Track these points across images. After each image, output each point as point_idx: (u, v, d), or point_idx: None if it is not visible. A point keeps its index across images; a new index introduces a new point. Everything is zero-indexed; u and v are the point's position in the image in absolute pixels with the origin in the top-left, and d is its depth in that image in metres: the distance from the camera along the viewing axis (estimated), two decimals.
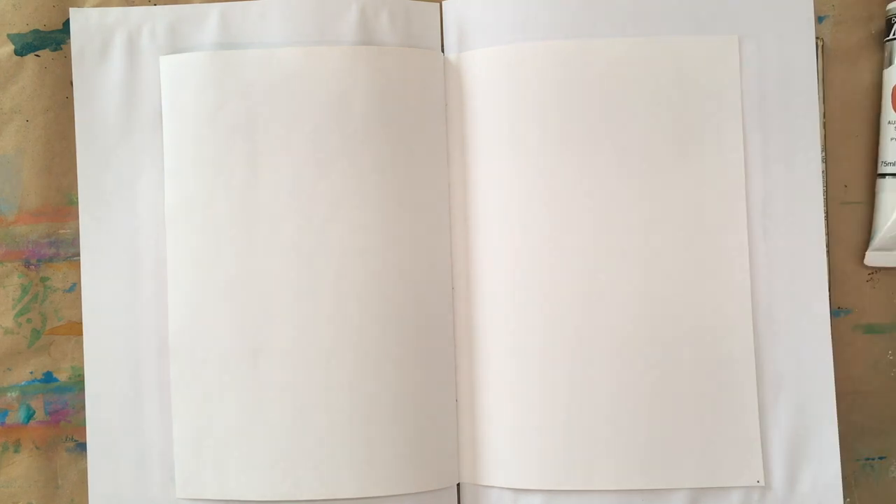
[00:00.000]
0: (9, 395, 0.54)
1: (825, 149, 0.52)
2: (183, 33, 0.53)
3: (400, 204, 0.51)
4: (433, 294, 0.52)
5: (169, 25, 0.53)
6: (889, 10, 0.52)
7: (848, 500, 0.52)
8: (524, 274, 0.51)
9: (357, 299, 0.51)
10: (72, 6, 0.53)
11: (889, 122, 0.52)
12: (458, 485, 0.53)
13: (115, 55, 0.53)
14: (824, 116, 0.52)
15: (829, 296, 0.51)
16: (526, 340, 0.51)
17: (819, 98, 0.52)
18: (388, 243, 0.51)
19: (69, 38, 0.53)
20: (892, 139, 0.52)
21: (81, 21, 0.53)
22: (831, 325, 0.51)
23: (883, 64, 0.53)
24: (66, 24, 0.53)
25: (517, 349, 0.51)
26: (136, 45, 0.53)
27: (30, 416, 0.54)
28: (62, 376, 0.54)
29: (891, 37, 0.52)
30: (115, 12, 0.53)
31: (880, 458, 0.53)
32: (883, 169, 0.52)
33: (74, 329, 0.53)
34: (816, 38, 0.52)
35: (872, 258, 0.53)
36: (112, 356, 0.52)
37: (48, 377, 0.54)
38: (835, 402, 0.51)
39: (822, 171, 0.52)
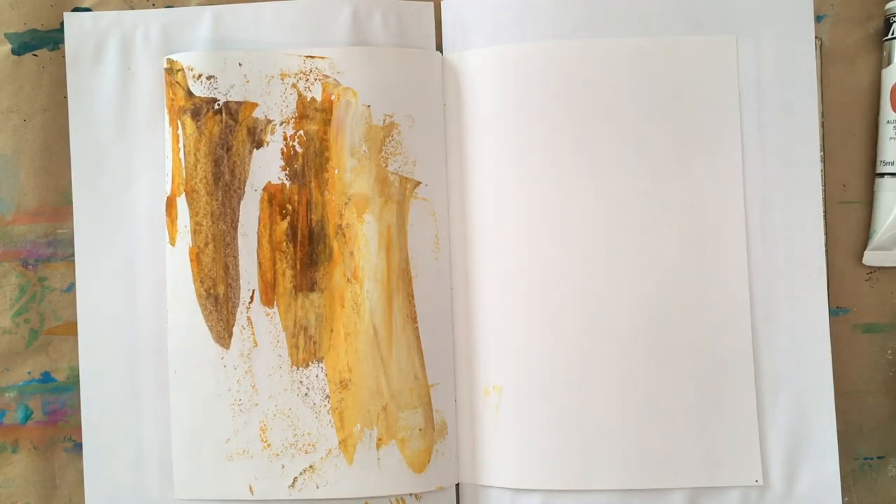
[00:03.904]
0: (7, 395, 0.54)
1: (824, 148, 0.52)
2: (176, 36, 0.53)
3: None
4: (434, 294, 0.52)
5: (162, 28, 0.53)
6: (888, 9, 0.52)
7: (846, 499, 0.52)
8: (523, 274, 0.51)
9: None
10: (70, 6, 0.53)
11: (888, 122, 0.52)
12: (458, 485, 0.53)
13: (109, 58, 0.53)
14: (823, 116, 0.52)
15: (828, 295, 0.51)
16: (525, 341, 0.51)
17: (818, 97, 0.52)
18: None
19: None
20: (890, 138, 0.52)
21: (76, 25, 0.53)
22: (830, 325, 0.51)
23: (881, 63, 0.53)
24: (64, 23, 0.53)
25: (516, 349, 0.51)
26: (131, 48, 0.53)
27: (28, 416, 0.54)
28: (60, 376, 0.54)
29: (889, 36, 0.52)
30: (109, 16, 0.53)
31: (879, 457, 0.53)
32: (881, 168, 0.52)
33: (72, 329, 0.53)
34: (815, 37, 0.52)
35: (871, 257, 0.53)
36: (108, 356, 0.52)
37: (46, 377, 0.54)
38: (833, 401, 0.51)
39: (821, 171, 0.52)
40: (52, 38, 0.54)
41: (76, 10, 0.53)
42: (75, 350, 0.53)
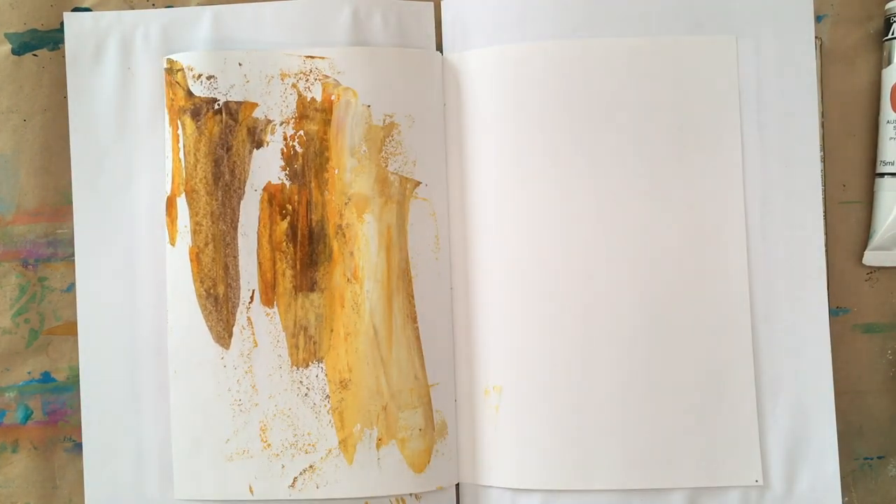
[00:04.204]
0: (7, 395, 0.54)
1: (824, 148, 0.52)
2: (176, 35, 0.53)
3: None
4: (434, 294, 0.52)
5: (162, 28, 0.53)
6: (888, 9, 0.52)
7: (846, 499, 0.52)
8: (523, 274, 0.51)
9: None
10: (70, 6, 0.53)
11: (888, 122, 0.52)
12: (458, 485, 0.53)
13: (109, 58, 0.53)
14: (823, 116, 0.52)
15: (828, 295, 0.51)
16: (525, 341, 0.51)
17: (818, 97, 0.52)
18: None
19: None
20: (890, 138, 0.52)
21: (76, 25, 0.53)
22: (830, 325, 0.51)
23: (881, 63, 0.53)
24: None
25: (516, 349, 0.51)
26: (130, 48, 0.53)
27: (28, 416, 0.54)
28: (60, 376, 0.54)
29: (889, 36, 0.52)
30: (108, 16, 0.53)
31: (878, 457, 0.53)
32: (881, 168, 0.52)
33: (72, 329, 0.53)
34: (815, 37, 0.52)
35: (871, 257, 0.53)
36: (108, 356, 0.52)
37: (46, 377, 0.54)
38: (833, 401, 0.51)
39: (821, 171, 0.52)
40: (52, 38, 0.54)
41: (76, 10, 0.53)
42: (75, 350, 0.53)
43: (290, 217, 0.51)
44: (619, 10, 0.52)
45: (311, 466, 0.51)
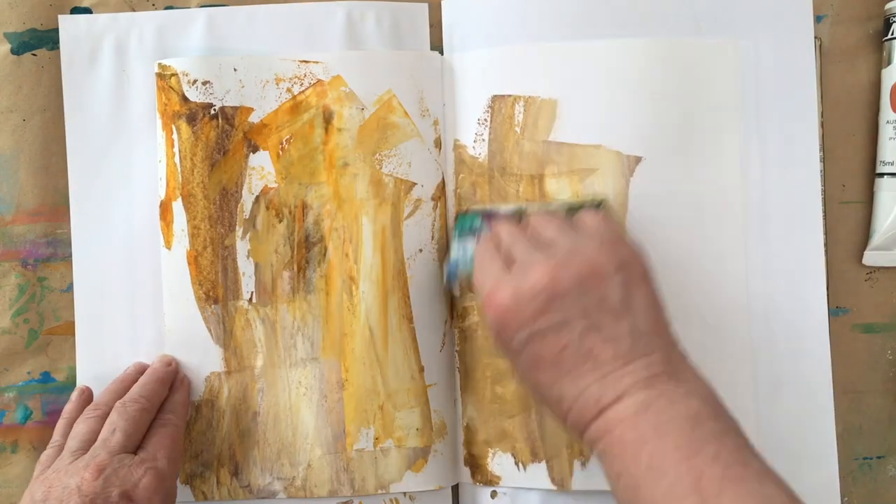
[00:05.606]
0: (6, 395, 0.54)
1: (823, 148, 0.52)
2: (171, 38, 0.53)
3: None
4: (430, 295, 0.52)
5: (157, 30, 0.53)
6: (887, 9, 0.52)
7: (846, 499, 0.52)
8: None
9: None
10: (68, 6, 0.53)
11: (887, 122, 0.52)
12: (458, 485, 0.53)
13: (104, 60, 0.53)
14: (822, 116, 0.52)
15: (828, 295, 0.51)
16: None
17: (817, 98, 0.52)
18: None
19: None
20: (890, 138, 0.52)
21: (71, 28, 0.53)
22: (829, 325, 0.51)
23: (881, 63, 0.53)
24: None
25: None
26: (125, 50, 0.53)
27: (27, 416, 0.54)
28: (60, 376, 0.54)
29: (889, 36, 0.52)
30: (103, 18, 0.53)
31: (878, 457, 0.53)
32: (881, 168, 0.52)
33: (72, 329, 0.53)
34: (815, 37, 0.52)
35: (871, 257, 0.52)
36: (107, 357, 0.52)
37: (45, 377, 0.54)
38: (833, 401, 0.51)
39: (821, 171, 0.52)
40: (50, 38, 0.53)
41: (75, 10, 0.53)
42: (75, 350, 0.53)
43: (287, 220, 0.51)
44: (619, 12, 0.52)
45: (308, 466, 0.51)
